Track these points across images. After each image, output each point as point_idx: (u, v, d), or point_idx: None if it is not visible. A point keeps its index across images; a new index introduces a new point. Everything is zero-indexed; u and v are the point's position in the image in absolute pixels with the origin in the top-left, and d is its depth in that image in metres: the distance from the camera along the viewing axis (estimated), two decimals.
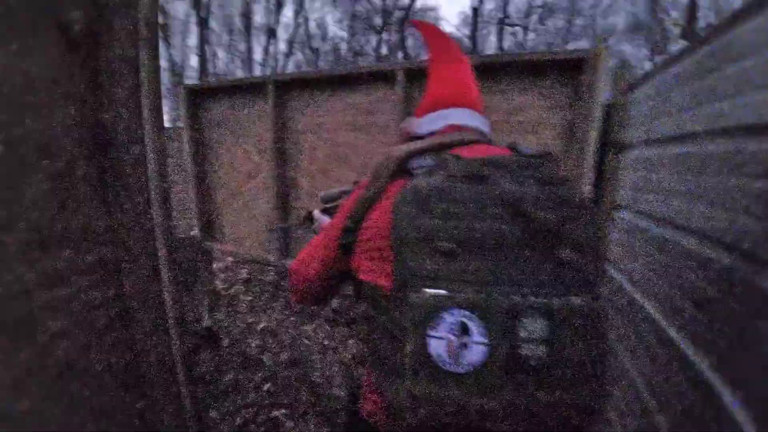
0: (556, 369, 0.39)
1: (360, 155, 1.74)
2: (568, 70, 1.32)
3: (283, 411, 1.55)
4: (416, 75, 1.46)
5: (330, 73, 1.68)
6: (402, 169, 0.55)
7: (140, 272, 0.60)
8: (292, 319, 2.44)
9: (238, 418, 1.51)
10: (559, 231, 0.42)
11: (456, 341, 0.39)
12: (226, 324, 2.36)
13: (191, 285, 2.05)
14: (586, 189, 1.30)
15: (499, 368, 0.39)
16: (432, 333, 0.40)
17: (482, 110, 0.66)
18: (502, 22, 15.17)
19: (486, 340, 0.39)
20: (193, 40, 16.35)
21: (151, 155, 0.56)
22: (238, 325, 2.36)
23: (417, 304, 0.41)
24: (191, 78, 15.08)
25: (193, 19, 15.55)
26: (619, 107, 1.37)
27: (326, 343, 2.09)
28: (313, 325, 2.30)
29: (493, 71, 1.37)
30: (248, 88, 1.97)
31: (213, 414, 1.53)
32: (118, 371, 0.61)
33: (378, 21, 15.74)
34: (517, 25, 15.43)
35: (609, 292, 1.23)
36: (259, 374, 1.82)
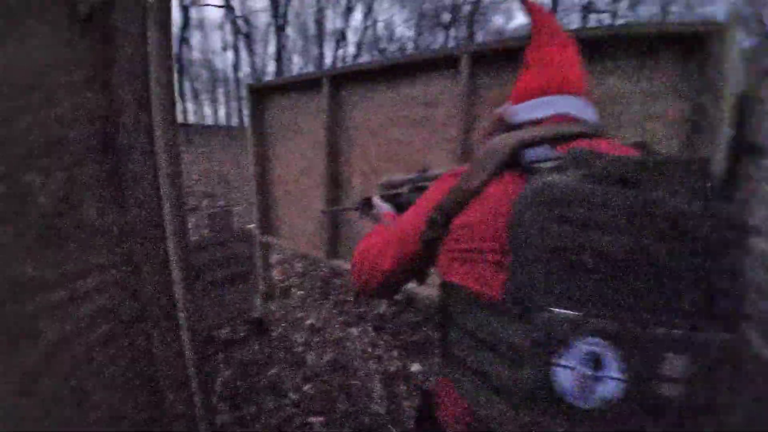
0: (693, 414, 0.35)
1: (415, 153, 1.60)
2: (682, 50, 1.02)
3: (320, 419, 1.49)
4: (483, 60, 1.27)
5: (386, 62, 1.57)
6: (513, 161, 0.48)
7: (151, 272, 0.56)
8: (339, 319, 2.40)
9: (274, 418, 1.49)
10: (720, 255, 0.35)
11: (587, 374, 0.35)
12: (277, 316, 2.42)
13: (245, 275, 2.13)
14: None
15: (632, 408, 0.35)
16: (559, 361, 0.36)
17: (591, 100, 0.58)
18: (587, 9, 13.64)
19: (622, 376, 0.35)
20: (271, 47, 17.80)
21: (161, 148, 0.51)
22: (288, 319, 2.41)
23: (543, 326, 0.36)
24: None
25: (272, 28, 16.92)
26: (756, 99, 1.02)
27: (370, 350, 2.00)
28: (359, 329, 2.24)
29: (585, 49, 1.13)
30: (306, 84, 1.96)
31: (252, 408, 1.54)
32: (128, 374, 0.57)
33: (446, 17, 15.35)
34: (603, 11, 13.73)
35: None
36: (301, 373, 1.80)
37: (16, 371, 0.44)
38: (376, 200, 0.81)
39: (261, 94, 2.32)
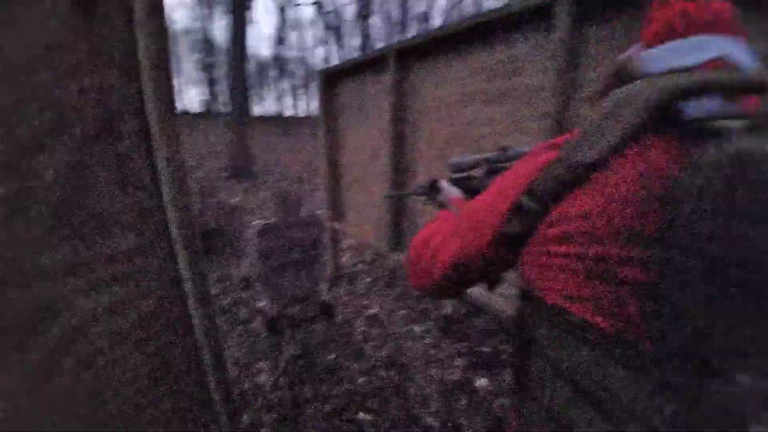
0: None
1: (493, 134, 1.35)
2: None
3: (370, 417, 1.42)
4: (587, 4, 0.95)
5: (460, 25, 1.34)
6: (663, 117, 0.33)
7: (155, 261, 0.51)
8: (402, 312, 2.30)
9: (327, 406, 1.47)
10: None
11: None
12: (342, 302, 2.45)
13: (313, 259, 2.17)
14: None
15: None
16: None
17: None
18: None
19: None
20: (357, 39, 18.34)
21: (157, 129, 0.46)
22: (352, 305, 2.41)
23: (718, 399, 0.26)
24: None
25: (358, 18, 17.37)
26: None
27: (432, 352, 1.85)
28: (422, 327, 2.10)
29: None
30: (373, 64, 1.85)
31: (307, 391, 1.55)
32: (146, 368, 0.55)
33: None
34: None
35: None
36: (357, 365, 1.76)
37: (27, 365, 0.44)
38: (444, 183, 0.71)
39: (333, 78, 2.30)
